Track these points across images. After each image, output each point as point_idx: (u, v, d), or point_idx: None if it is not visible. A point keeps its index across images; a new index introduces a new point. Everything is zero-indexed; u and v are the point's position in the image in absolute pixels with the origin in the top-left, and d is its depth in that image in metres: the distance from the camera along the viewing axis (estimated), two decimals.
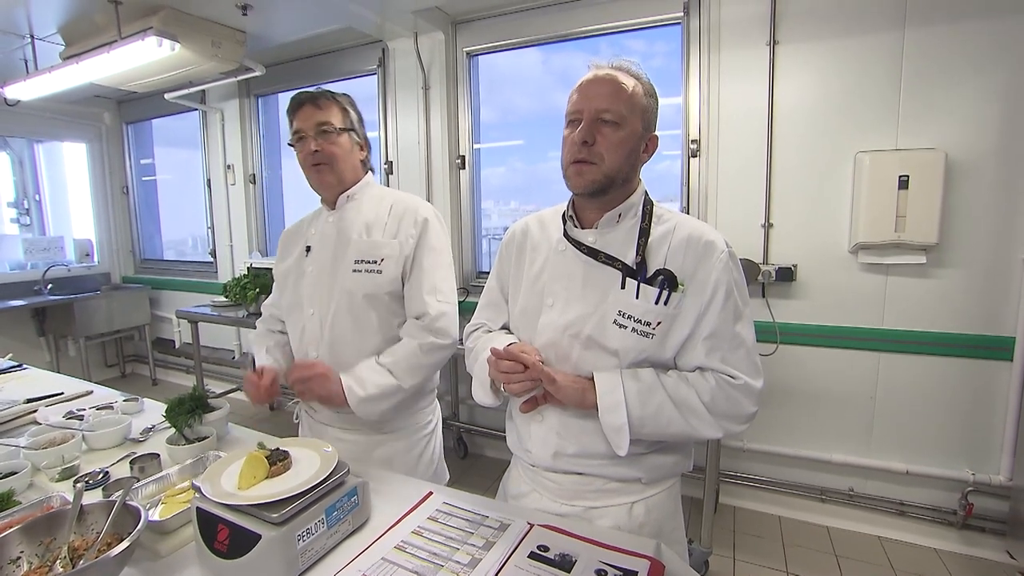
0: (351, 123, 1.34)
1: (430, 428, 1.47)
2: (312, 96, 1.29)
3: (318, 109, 1.28)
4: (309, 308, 1.34)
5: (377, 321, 1.31)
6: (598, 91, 0.94)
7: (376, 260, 1.30)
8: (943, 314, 2.16)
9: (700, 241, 0.96)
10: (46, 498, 0.97)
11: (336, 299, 1.31)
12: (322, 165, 1.29)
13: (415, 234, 1.32)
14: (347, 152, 1.33)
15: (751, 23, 2.32)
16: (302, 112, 1.29)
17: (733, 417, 0.95)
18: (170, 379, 4.83)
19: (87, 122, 4.63)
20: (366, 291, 1.29)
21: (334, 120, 1.29)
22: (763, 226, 2.39)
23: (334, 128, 1.29)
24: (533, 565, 0.83)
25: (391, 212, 1.35)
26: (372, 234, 1.33)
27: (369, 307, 1.30)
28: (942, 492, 2.25)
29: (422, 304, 1.30)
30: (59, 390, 1.72)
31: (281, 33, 3.05)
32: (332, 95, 1.32)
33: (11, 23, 2.77)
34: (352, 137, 1.34)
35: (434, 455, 1.49)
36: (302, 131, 1.28)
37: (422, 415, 1.45)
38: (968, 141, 2.05)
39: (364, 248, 1.31)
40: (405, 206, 1.36)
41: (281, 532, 0.79)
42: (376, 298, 1.30)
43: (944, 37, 2.04)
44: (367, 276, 1.30)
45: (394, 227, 1.33)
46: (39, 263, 4.39)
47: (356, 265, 1.30)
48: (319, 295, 1.33)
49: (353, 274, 1.30)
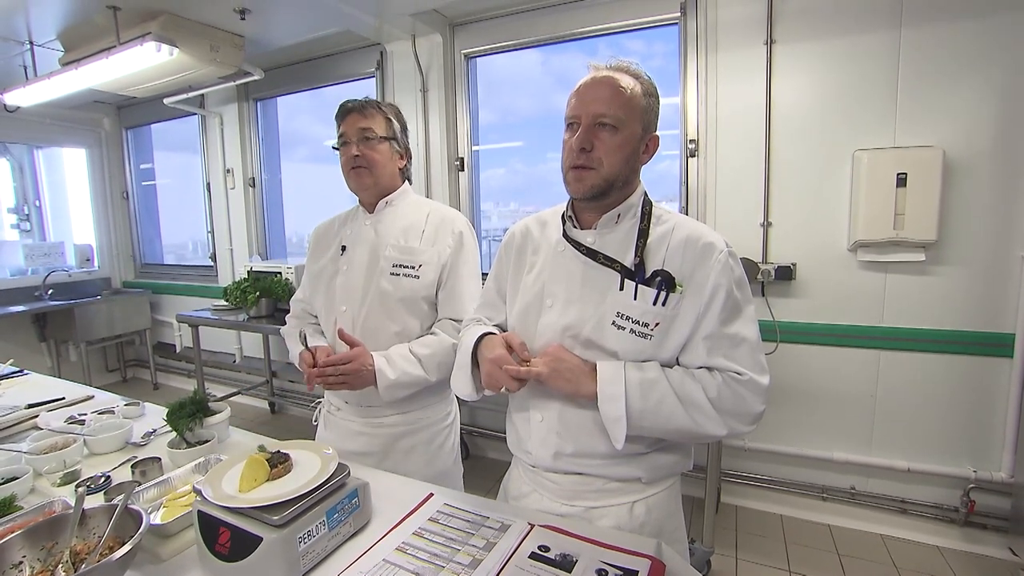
0: (394, 132, 1.41)
1: (450, 419, 1.54)
2: (360, 104, 1.37)
3: (363, 117, 1.36)
4: (342, 305, 1.39)
5: (408, 322, 1.38)
6: (596, 95, 0.94)
7: (414, 266, 1.37)
8: (943, 311, 2.16)
9: (699, 242, 0.96)
10: (48, 503, 0.97)
11: (370, 298, 1.36)
12: (361, 168, 1.36)
13: (452, 244, 1.39)
14: (387, 159, 1.39)
15: (748, 23, 2.33)
16: (349, 119, 1.36)
17: (739, 415, 0.93)
18: (171, 383, 4.83)
19: (87, 127, 4.64)
20: (403, 294, 1.36)
21: (377, 128, 1.36)
22: (762, 225, 2.40)
23: (376, 135, 1.36)
24: (534, 565, 0.83)
25: (428, 220, 1.42)
26: (410, 240, 1.39)
27: (403, 308, 1.37)
28: (944, 489, 2.25)
29: (461, 311, 1.37)
30: (60, 395, 1.73)
31: (279, 37, 3.06)
32: (378, 104, 1.39)
33: (10, 30, 2.78)
34: (393, 146, 1.41)
35: (455, 446, 1.55)
36: (346, 136, 1.36)
37: (443, 406, 1.50)
38: (966, 139, 2.06)
39: (402, 253, 1.38)
40: (442, 216, 1.44)
41: (282, 534, 0.79)
42: (411, 301, 1.37)
43: (941, 35, 2.05)
44: (405, 280, 1.36)
45: (432, 235, 1.40)
46: (40, 269, 4.40)
47: (394, 269, 1.37)
48: (353, 293, 1.38)
49: (391, 276, 1.36)
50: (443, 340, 1.36)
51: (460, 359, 1.12)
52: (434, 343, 1.35)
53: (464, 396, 1.12)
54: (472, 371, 1.09)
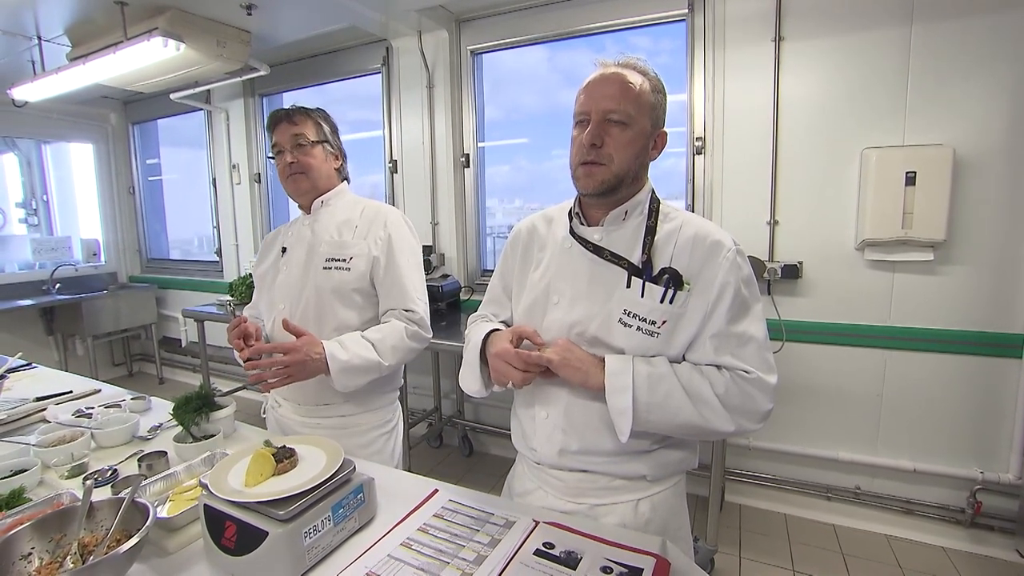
0: (325, 135, 1.44)
1: (390, 427, 1.51)
2: (288, 113, 1.40)
3: (293, 124, 1.39)
4: (280, 304, 1.42)
5: (342, 315, 1.38)
6: (605, 91, 0.94)
7: (345, 258, 1.39)
8: (951, 311, 2.15)
9: (706, 240, 0.96)
10: (56, 495, 0.97)
11: (306, 293, 1.39)
12: (298, 175, 1.40)
13: (384, 236, 1.41)
14: (321, 162, 1.43)
15: (756, 19, 2.31)
16: (279, 128, 1.40)
17: (747, 413, 0.93)
18: (176, 377, 4.86)
19: (93, 123, 4.66)
20: (333, 286, 1.37)
21: (308, 133, 1.40)
22: (768, 223, 2.38)
23: (308, 140, 1.39)
24: (539, 562, 0.83)
25: (362, 215, 1.45)
26: (343, 235, 1.42)
27: (336, 301, 1.38)
28: (950, 490, 2.23)
29: (407, 301, 1.39)
30: (68, 388, 1.74)
31: (285, 33, 3.06)
32: (306, 111, 1.42)
33: (19, 25, 2.79)
34: (326, 148, 1.45)
35: (394, 453, 1.52)
36: (279, 144, 1.40)
37: (383, 412, 1.49)
38: (977, 137, 2.03)
39: (335, 247, 1.40)
40: (376, 210, 1.46)
41: (288, 529, 0.79)
42: (343, 293, 1.38)
43: (953, 32, 2.03)
44: (336, 272, 1.38)
45: (364, 228, 1.42)
46: (47, 263, 4.43)
47: (326, 263, 1.39)
48: (290, 291, 1.41)
49: (323, 271, 1.38)
50: (394, 325, 1.37)
51: (469, 356, 1.11)
52: (385, 328, 1.37)
53: (473, 393, 1.11)
54: (480, 368, 1.09)
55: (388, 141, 3.33)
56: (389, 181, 3.37)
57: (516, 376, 0.98)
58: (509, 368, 0.98)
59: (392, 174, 3.34)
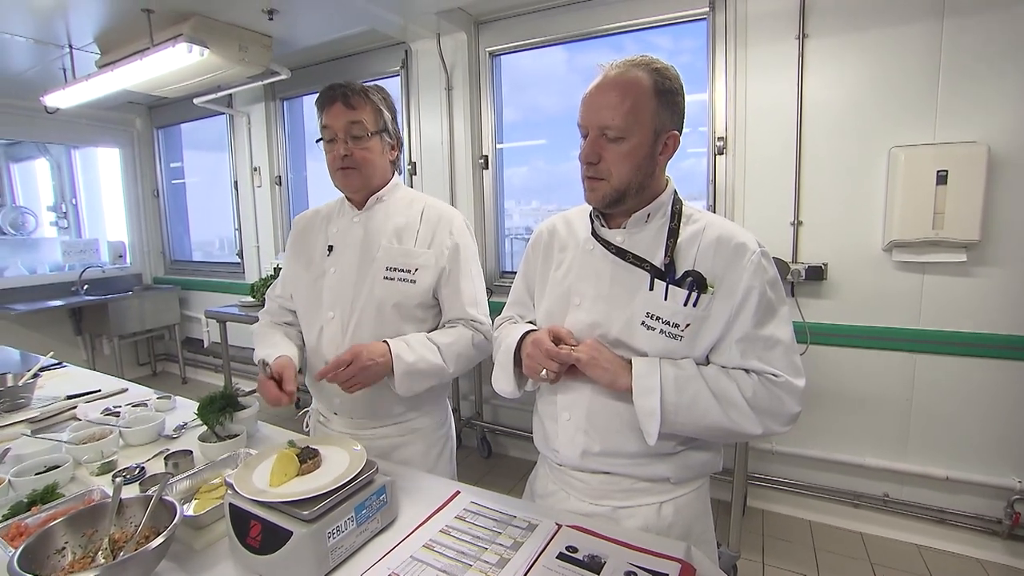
0: (384, 123, 1.26)
1: (446, 428, 1.45)
2: (344, 93, 1.20)
3: (351, 109, 1.20)
4: (329, 311, 1.28)
5: (403, 330, 1.27)
6: (601, 102, 0.92)
7: (410, 269, 1.26)
8: (985, 314, 2.08)
9: (731, 242, 0.94)
10: (87, 491, 1.00)
11: (362, 304, 1.26)
12: (350, 170, 1.23)
13: (451, 244, 1.29)
14: (378, 155, 1.26)
15: (779, 17, 2.27)
16: (333, 110, 1.21)
17: (776, 415, 0.92)
18: (199, 378, 4.95)
19: (120, 128, 4.78)
20: (396, 300, 1.25)
21: (367, 121, 1.22)
22: (792, 224, 2.34)
23: (366, 131, 1.22)
24: (562, 566, 0.82)
25: (423, 218, 1.31)
26: (404, 241, 1.28)
27: (397, 316, 1.27)
28: (986, 500, 2.16)
29: (474, 311, 1.31)
30: (97, 387, 1.78)
31: (306, 37, 3.10)
32: (365, 92, 1.23)
33: (51, 34, 2.88)
34: (384, 139, 1.27)
35: (452, 454, 1.48)
36: (332, 130, 1.22)
37: (440, 414, 1.43)
38: (1013, 134, 1.96)
39: (396, 255, 1.27)
40: (438, 213, 1.32)
41: (312, 529, 0.80)
42: (405, 308, 1.27)
43: (987, 25, 1.96)
44: (400, 285, 1.26)
45: (428, 235, 1.29)
46: (76, 265, 4.55)
47: (388, 272, 1.25)
48: (342, 298, 1.27)
49: (384, 281, 1.25)
50: (462, 332, 1.28)
51: (502, 358, 1.10)
52: (453, 332, 1.27)
53: (506, 394, 1.10)
54: (514, 369, 1.07)
55: (407, 143, 3.35)
56: (408, 183, 3.39)
57: (551, 365, 0.96)
58: (543, 357, 0.97)
59: (411, 176, 3.36)
